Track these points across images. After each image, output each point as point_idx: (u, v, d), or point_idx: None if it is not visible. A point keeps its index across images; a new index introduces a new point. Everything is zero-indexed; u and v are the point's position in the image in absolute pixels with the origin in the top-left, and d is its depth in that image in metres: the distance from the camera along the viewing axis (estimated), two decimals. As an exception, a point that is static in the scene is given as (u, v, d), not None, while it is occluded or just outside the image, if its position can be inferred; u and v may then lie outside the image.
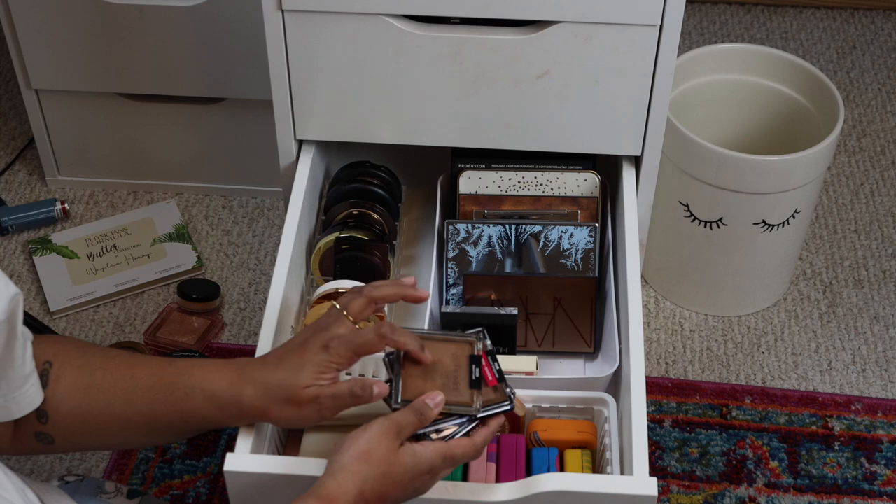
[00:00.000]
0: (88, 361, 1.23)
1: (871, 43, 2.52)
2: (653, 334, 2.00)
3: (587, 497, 1.23)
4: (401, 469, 1.15)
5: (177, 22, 1.95)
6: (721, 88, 2.01)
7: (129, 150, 2.16)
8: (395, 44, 1.48)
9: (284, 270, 1.45)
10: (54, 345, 1.24)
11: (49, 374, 1.21)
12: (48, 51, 2.00)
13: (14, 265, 2.10)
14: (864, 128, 2.35)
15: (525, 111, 1.54)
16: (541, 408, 1.40)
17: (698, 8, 2.59)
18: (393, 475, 1.15)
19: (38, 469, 1.81)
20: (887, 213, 2.20)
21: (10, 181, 2.24)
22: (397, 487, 1.15)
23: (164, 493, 1.78)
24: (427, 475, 1.17)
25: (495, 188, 1.62)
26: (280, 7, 1.46)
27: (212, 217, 2.18)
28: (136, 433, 1.25)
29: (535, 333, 1.56)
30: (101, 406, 1.22)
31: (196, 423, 1.23)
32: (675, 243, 1.97)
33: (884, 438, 1.86)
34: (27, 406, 1.19)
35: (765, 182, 1.83)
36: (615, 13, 1.44)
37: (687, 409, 1.89)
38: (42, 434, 1.22)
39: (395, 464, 1.15)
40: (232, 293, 2.05)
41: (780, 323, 2.02)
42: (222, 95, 2.06)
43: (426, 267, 1.66)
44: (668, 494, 1.78)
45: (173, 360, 1.25)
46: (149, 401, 1.22)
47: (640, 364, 1.36)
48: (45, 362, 1.22)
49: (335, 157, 1.74)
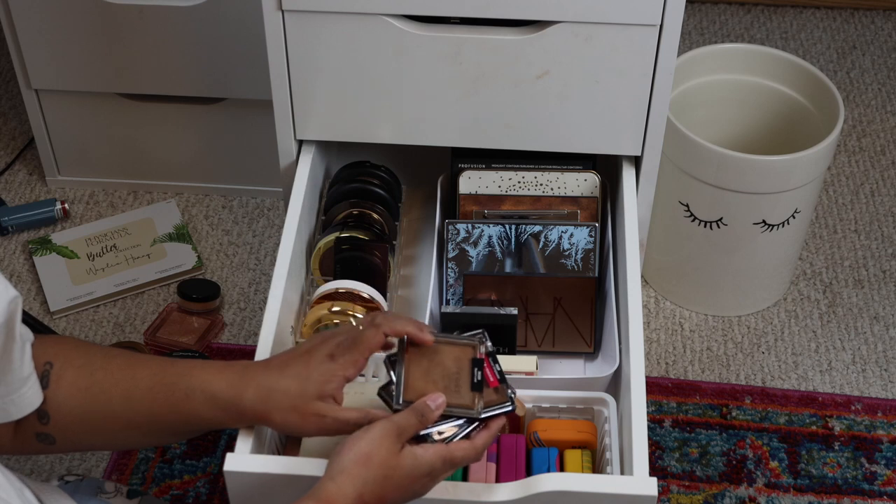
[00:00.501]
0: (89, 361, 1.23)
1: (871, 43, 2.52)
2: (653, 334, 2.00)
3: (587, 497, 1.23)
4: (401, 472, 1.15)
5: (177, 22, 1.95)
6: (721, 88, 2.01)
7: (129, 150, 2.16)
8: (395, 44, 1.48)
9: (284, 270, 1.45)
10: (55, 345, 1.24)
11: (50, 375, 1.21)
12: (48, 51, 2.00)
13: (14, 265, 2.10)
14: (864, 128, 2.35)
15: (525, 111, 1.54)
16: (541, 408, 1.40)
17: (698, 8, 2.59)
18: (393, 478, 1.15)
19: (38, 469, 1.81)
20: (887, 213, 2.20)
21: (10, 181, 2.24)
22: (397, 490, 1.15)
23: (164, 493, 1.78)
24: (427, 477, 1.17)
25: (495, 188, 1.62)
26: (280, 7, 1.46)
27: (212, 217, 2.18)
28: (136, 433, 1.25)
29: (535, 333, 1.56)
30: (101, 406, 1.22)
31: (196, 424, 1.23)
32: (675, 243, 1.97)
33: (884, 438, 1.86)
34: (26, 407, 1.19)
35: (765, 182, 1.83)
36: (615, 13, 1.44)
37: (687, 409, 1.89)
38: (43, 434, 1.22)
39: (396, 467, 1.15)
40: (232, 293, 2.05)
41: (780, 323, 2.02)
42: (222, 95, 2.06)
43: (426, 267, 1.66)
44: (668, 494, 1.78)
45: (175, 360, 1.25)
46: (149, 401, 1.22)
47: (640, 364, 1.36)
48: (45, 363, 1.21)
49: (335, 157, 1.74)
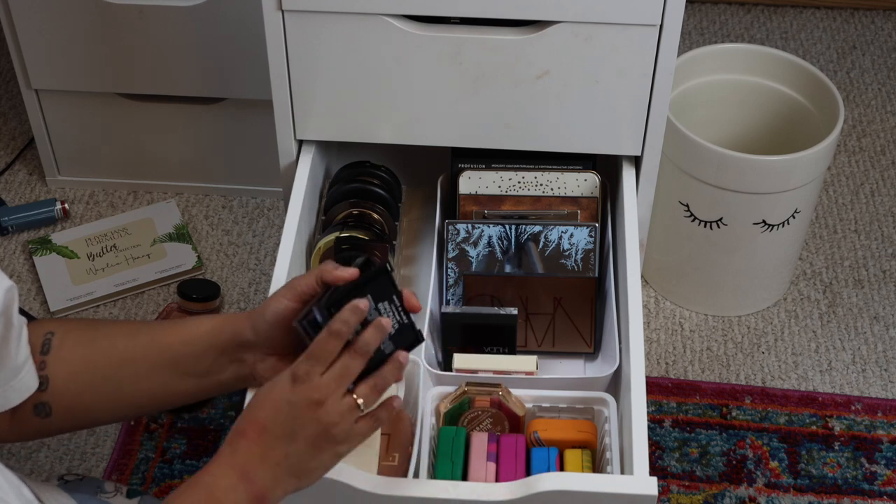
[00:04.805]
0: (93, 325, 1.27)
1: (871, 43, 2.52)
2: (653, 334, 2.00)
3: (587, 497, 1.23)
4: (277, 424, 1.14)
5: (177, 22, 1.95)
6: (721, 88, 2.01)
7: (129, 150, 2.16)
8: (395, 44, 1.49)
9: (284, 270, 1.45)
10: (56, 320, 1.29)
11: (52, 342, 1.23)
12: (48, 51, 2.01)
13: (14, 265, 2.10)
14: (864, 128, 2.35)
15: (525, 111, 1.54)
16: (541, 408, 1.40)
17: (698, 8, 2.59)
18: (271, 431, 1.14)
19: (38, 469, 1.81)
20: (887, 213, 2.20)
21: (10, 181, 2.24)
22: (280, 442, 1.14)
23: (164, 493, 1.78)
24: (304, 410, 1.14)
25: (495, 188, 1.62)
26: (280, 7, 1.46)
27: (212, 217, 2.18)
28: (134, 379, 1.25)
29: (535, 333, 1.56)
30: (104, 350, 1.24)
31: (200, 350, 1.24)
32: (675, 243, 1.97)
33: (884, 438, 1.86)
34: (25, 392, 1.21)
35: (765, 182, 1.83)
36: (615, 13, 1.44)
37: (687, 409, 1.89)
38: (41, 405, 1.23)
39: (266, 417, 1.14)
40: (232, 293, 2.05)
41: (780, 323, 2.02)
42: (222, 95, 2.06)
43: (426, 267, 1.66)
44: (668, 494, 1.78)
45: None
46: (151, 332, 1.24)
47: (640, 364, 1.36)
48: (47, 333, 1.24)
49: (335, 157, 1.74)
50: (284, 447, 1.14)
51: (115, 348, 1.24)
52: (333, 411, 1.14)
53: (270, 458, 1.13)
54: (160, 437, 1.84)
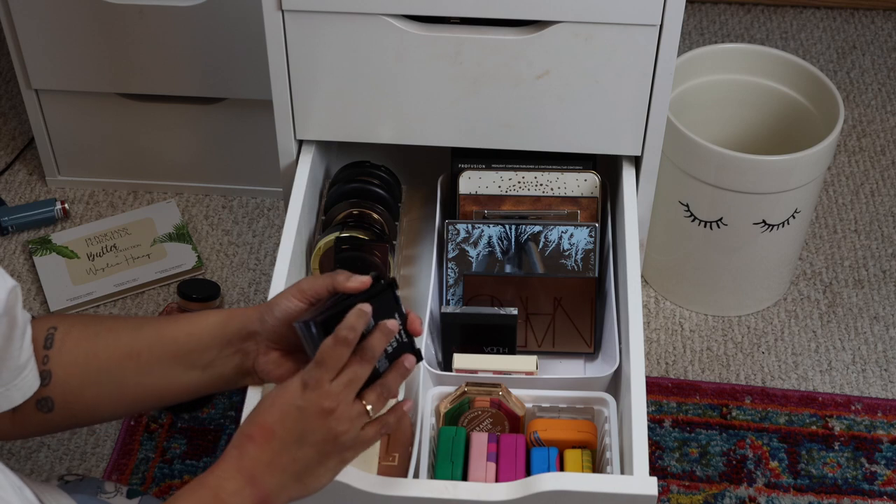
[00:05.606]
0: (97, 319, 1.27)
1: (871, 43, 2.52)
2: (653, 334, 2.00)
3: (587, 497, 1.23)
4: (283, 430, 1.14)
5: (177, 22, 1.95)
6: (721, 88, 2.01)
7: (129, 150, 2.16)
8: (395, 44, 1.49)
9: (284, 270, 1.45)
10: (59, 315, 1.28)
11: (55, 336, 1.23)
12: (48, 51, 2.00)
13: (14, 265, 2.10)
14: (864, 128, 2.35)
15: (525, 111, 1.54)
16: (541, 408, 1.40)
17: (698, 8, 2.59)
18: (278, 439, 1.14)
19: (38, 469, 1.81)
20: (887, 213, 2.20)
21: (10, 181, 2.24)
22: (290, 447, 1.14)
23: (164, 493, 1.78)
24: (313, 414, 1.15)
25: (495, 188, 1.62)
26: (280, 7, 1.46)
27: (212, 217, 2.18)
28: (136, 373, 1.25)
29: (535, 333, 1.56)
30: (107, 344, 1.24)
31: (206, 341, 1.25)
32: (675, 243, 1.97)
33: (884, 438, 1.86)
34: (28, 391, 1.21)
35: (765, 182, 1.83)
36: (615, 13, 1.44)
37: (687, 409, 1.89)
38: (43, 400, 1.23)
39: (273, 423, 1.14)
40: (232, 293, 2.06)
41: (780, 323, 2.02)
42: (222, 95, 2.06)
43: (426, 267, 1.66)
44: (668, 494, 1.78)
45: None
46: (156, 325, 1.25)
47: (640, 364, 1.36)
48: (50, 327, 1.24)
49: (335, 157, 1.74)
50: (292, 452, 1.14)
51: (119, 342, 1.24)
52: (344, 418, 1.15)
53: (278, 463, 1.14)
54: (160, 437, 1.84)
